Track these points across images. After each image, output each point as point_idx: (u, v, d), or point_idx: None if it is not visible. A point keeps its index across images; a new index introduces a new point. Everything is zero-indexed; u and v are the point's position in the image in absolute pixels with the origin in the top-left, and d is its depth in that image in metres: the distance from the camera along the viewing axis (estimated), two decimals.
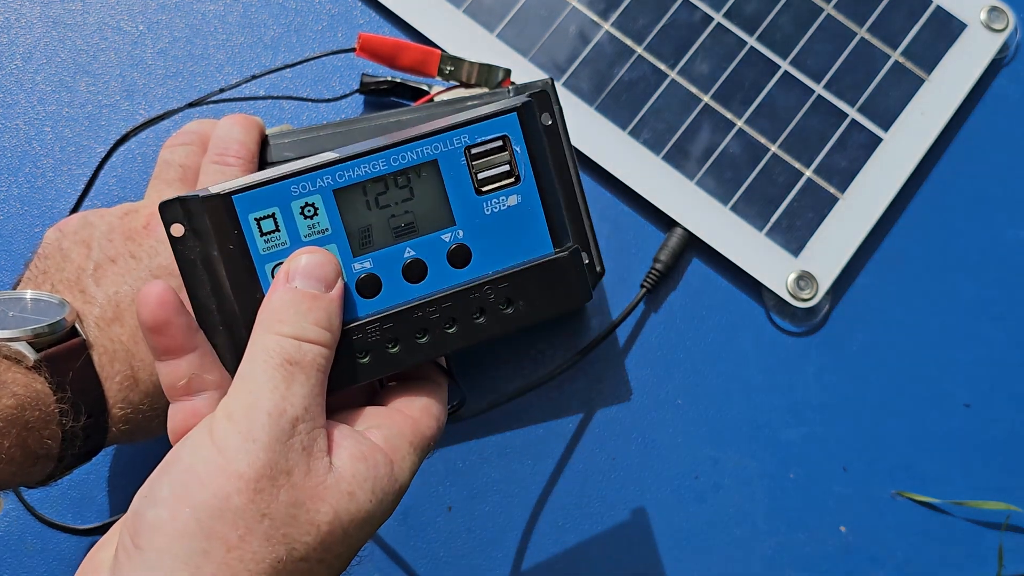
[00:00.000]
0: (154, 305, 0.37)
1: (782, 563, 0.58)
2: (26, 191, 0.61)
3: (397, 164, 0.39)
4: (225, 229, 0.38)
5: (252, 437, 0.34)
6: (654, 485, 0.59)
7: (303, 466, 0.35)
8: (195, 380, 0.38)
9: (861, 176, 0.63)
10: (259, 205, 0.38)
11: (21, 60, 0.63)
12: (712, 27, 0.65)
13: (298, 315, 0.37)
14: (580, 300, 0.41)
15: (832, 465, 0.60)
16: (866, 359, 0.62)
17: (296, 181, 0.38)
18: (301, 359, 0.36)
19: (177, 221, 0.38)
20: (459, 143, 0.40)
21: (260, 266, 0.38)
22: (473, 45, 0.63)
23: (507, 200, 0.40)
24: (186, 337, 0.38)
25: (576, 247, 0.41)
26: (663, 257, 0.61)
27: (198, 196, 0.37)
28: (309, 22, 0.65)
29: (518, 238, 0.40)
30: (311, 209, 0.38)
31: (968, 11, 0.66)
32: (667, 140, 0.63)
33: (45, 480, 0.44)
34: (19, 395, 0.40)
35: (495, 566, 0.57)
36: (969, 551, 0.59)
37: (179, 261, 0.38)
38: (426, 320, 0.39)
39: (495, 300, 0.40)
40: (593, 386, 0.60)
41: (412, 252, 0.40)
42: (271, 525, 0.34)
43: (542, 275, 0.40)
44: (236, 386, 0.36)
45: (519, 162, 0.40)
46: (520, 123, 0.40)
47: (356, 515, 0.36)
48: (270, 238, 0.38)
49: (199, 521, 0.33)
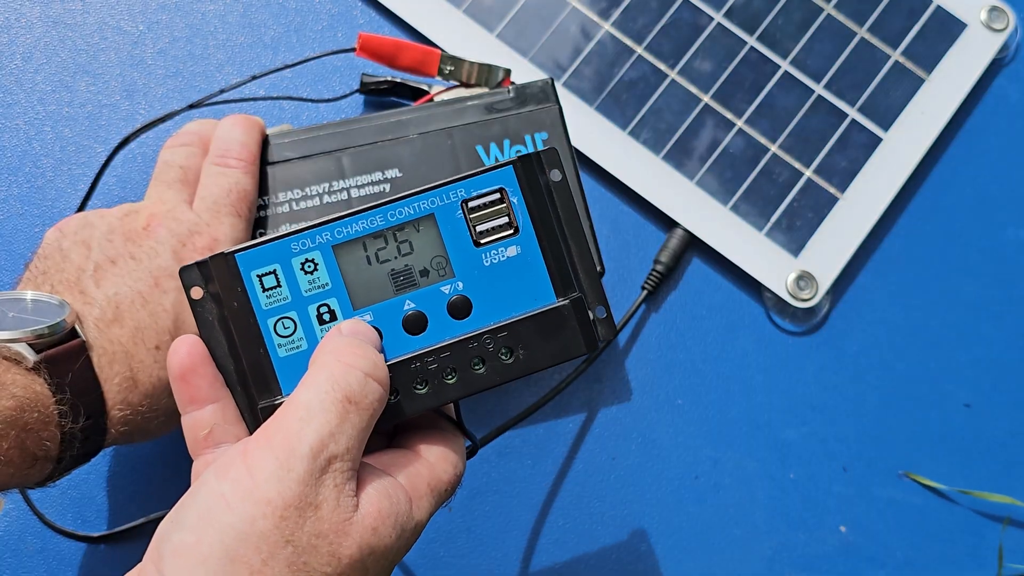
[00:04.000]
0: (183, 354, 0.39)
1: (782, 563, 0.58)
2: (26, 191, 0.61)
3: (395, 219, 0.40)
4: (231, 286, 0.39)
5: (289, 467, 0.34)
6: (654, 485, 0.59)
7: (332, 502, 0.35)
8: (217, 430, 0.39)
9: (861, 176, 0.63)
10: (261, 262, 0.40)
11: (21, 60, 0.63)
12: (712, 27, 0.64)
13: (368, 351, 0.38)
14: (583, 349, 0.41)
15: (832, 465, 0.60)
16: (866, 359, 0.62)
17: (296, 239, 0.40)
18: (361, 399, 0.37)
19: (196, 284, 0.40)
20: (456, 197, 0.41)
21: (263, 321, 0.40)
22: (473, 45, 0.63)
23: (506, 251, 0.41)
24: (211, 387, 0.39)
25: (578, 296, 0.41)
26: (663, 258, 0.61)
27: (207, 259, 0.39)
28: (309, 22, 0.65)
29: (519, 288, 0.41)
30: (311, 265, 0.40)
31: (968, 11, 0.66)
32: (667, 140, 0.62)
33: (43, 481, 0.44)
34: (18, 396, 0.40)
35: (495, 566, 0.57)
36: (969, 551, 0.59)
37: (198, 323, 0.40)
38: (425, 371, 0.40)
39: (494, 349, 0.40)
40: (593, 386, 0.60)
41: (412, 304, 0.40)
42: (294, 552, 0.34)
43: (542, 324, 0.41)
44: (286, 411, 0.36)
45: (517, 213, 0.41)
46: (516, 176, 0.41)
47: (377, 549, 0.36)
48: (272, 293, 0.40)
49: (224, 544, 0.33)
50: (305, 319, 0.40)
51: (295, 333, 0.40)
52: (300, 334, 0.40)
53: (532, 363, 0.40)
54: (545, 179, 0.41)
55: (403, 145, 0.54)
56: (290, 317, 0.40)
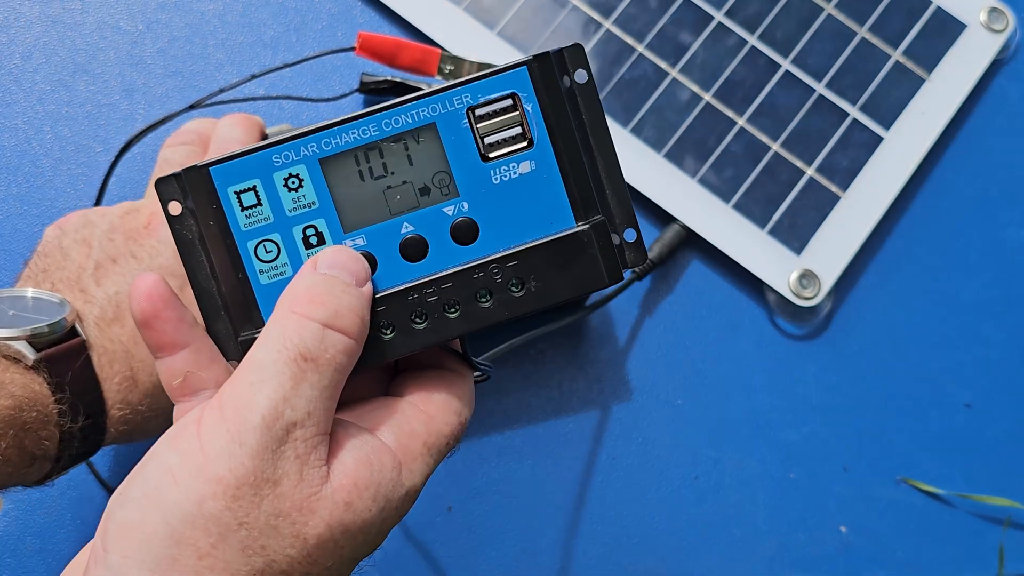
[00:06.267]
0: (142, 298, 0.35)
1: (782, 563, 0.58)
2: (25, 191, 0.61)
3: (391, 129, 0.35)
4: (206, 204, 0.35)
5: (240, 440, 0.31)
6: (654, 485, 0.59)
7: (294, 476, 0.32)
8: (192, 378, 0.35)
9: (863, 175, 0.63)
10: (238, 177, 0.35)
11: (20, 59, 0.63)
12: (713, 26, 0.64)
13: (331, 296, 0.33)
14: (605, 281, 0.36)
15: (833, 465, 0.60)
16: (867, 359, 0.62)
17: (278, 150, 0.35)
18: (319, 355, 0.32)
19: (174, 199, 0.35)
20: (461, 103, 0.35)
21: (242, 243, 0.35)
22: (473, 44, 0.63)
23: (518, 167, 0.36)
24: (178, 332, 0.35)
25: (601, 220, 0.36)
26: (656, 248, 0.61)
27: (182, 171, 0.35)
28: (309, 21, 0.65)
29: (532, 210, 0.36)
30: (295, 180, 0.35)
31: (968, 12, 0.66)
32: (668, 138, 0.62)
33: (42, 480, 0.44)
34: (17, 396, 0.40)
35: (495, 566, 0.57)
36: (969, 551, 0.59)
37: (177, 242, 0.36)
38: (424, 303, 0.35)
39: (503, 280, 0.35)
40: (593, 386, 0.60)
41: (410, 227, 0.36)
42: (248, 535, 0.31)
43: (557, 252, 0.35)
44: (238, 374, 0.33)
45: (531, 123, 0.36)
46: (531, 79, 0.35)
47: (351, 526, 0.32)
48: (251, 213, 0.35)
49: (168, 524, 0.31)
50: (289, 242, 0.35)
51: (278, 258, 0.35)
52: (284, 259, 0.35)
53: (545, 296, 0.35)
54: (569, 81, 0.36)
55: None
56: (272, 240, 0.35)
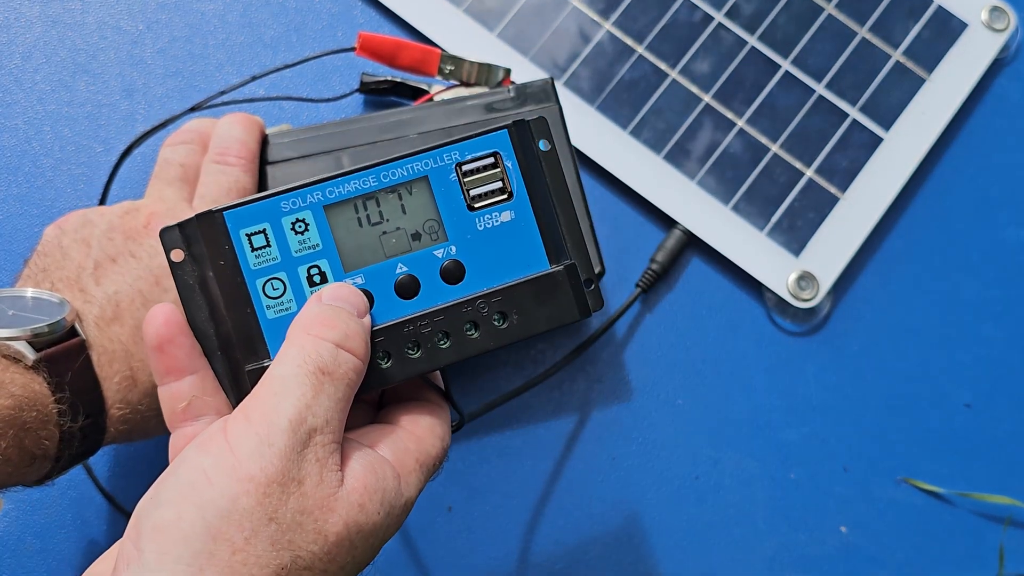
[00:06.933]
0: (160, 324, 0.38)
1: (783, 563, 0.58)
2: (26, 191, 0.61)
3: (388, 180, 0.40)
4: (218, 245, 0.38)
5: (269, 441, 0.34)
6: (654, 485, 0.59)
7: (315, 476, 0.34)
8: (196, 402, 0.38)
9: (862, 176, 0.63)
10: (250, 221, 0.39)
11: (20, 59, 0.63)
12: (713, 27, 0.64)
13: (340, 321, 0.37)
14: (577, 315, 0.41)
15: (833, 465, 0.60)
16: (867, 359, 0.62)
17: (287, 197, 0.39)
18: (335, 369, 0.36)
19: (176, 247, 0.39)
20: (450, 159, 0.40)
21: (251, 281, 0.39)
22: (473, 44, 0.63)
23: (500, 216, 0.40)
24: (189, 358, 0.38)
25: (572, 264, 0.41)
26: (660, 257, 0.61)
27: (193, 218, 0.38)
28: (309, 21, 0.65)
29: (512, 254, 0.40)
30: (302, 225, 0.39)
31: (969, 11, 0.66)
32: (668, 140, 0.62)
33: (42, 480, 0.44)
34: (17, 395, 0.40)
35: (495, 566, 0.57)
36: (970, 551, 0.59)
37: (179, 287, 0.39)
38: (418, 334, 0.39)
39: (488, 313, 0.40)
40: (593, 386, 0.60)
41: (404, 268, 0.40)
42: (278, 530, 0.33)
43: (535, 290, 0.40)
44: (260, 388, 0.36)
45: (511, 178, 0.40)
46: (511, 140, 0.40)
47: (364, 527, 0.35)
48: (261, 253, 0.39)
49: (205, 520, 0.32)
50: (295, 280, 0.39)
51: (284, 295, 0.39)
52: (289, 295, 0.39)
53: (526, 328, 0.40)
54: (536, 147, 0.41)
55: (403, 144, 0.54)
56: (279, 278, 0.39)
